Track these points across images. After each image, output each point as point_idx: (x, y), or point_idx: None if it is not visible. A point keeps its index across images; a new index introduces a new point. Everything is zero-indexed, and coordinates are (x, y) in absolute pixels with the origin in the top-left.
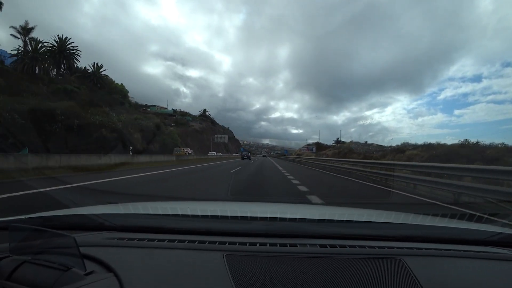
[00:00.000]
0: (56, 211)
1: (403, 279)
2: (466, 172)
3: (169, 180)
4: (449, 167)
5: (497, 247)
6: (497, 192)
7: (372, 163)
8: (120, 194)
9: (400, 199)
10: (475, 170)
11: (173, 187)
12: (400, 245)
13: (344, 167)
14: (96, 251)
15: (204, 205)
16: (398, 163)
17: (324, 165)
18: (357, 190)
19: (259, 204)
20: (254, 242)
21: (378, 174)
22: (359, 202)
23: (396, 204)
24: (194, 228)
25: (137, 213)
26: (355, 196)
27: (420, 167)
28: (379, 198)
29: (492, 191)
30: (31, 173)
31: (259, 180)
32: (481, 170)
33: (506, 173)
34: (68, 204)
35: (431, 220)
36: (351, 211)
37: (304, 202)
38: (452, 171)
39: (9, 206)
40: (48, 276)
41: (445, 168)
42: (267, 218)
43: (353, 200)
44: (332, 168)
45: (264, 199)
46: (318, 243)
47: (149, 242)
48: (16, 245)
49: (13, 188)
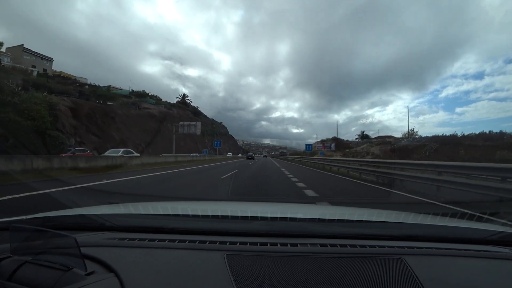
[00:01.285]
0: (57, 212)
1: (404, 278)
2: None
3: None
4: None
5: (497, 246)
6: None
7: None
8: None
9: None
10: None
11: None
12: (401, 245)
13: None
14: (97, 252)
15: (204, 205)
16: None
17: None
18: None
19: (260, 204)
20: (254, 242)
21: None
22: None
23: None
24: (194, 228)
25: (138, 213)
26: None
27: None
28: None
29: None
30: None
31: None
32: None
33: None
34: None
35: (431, 219)
36: (351, 211)
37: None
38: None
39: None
40: (49, 277)
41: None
42: (267, 218)
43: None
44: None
45: (265, 199)
46: (319, 242)
47: (150, 242)
48: (17, 246)
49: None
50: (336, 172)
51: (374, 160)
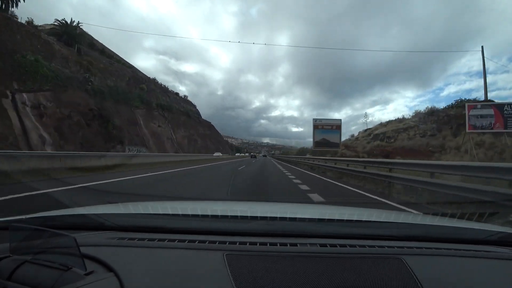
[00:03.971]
0: (56, 211)
1: (403, 278)
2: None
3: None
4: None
5: (497, 246)
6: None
7: None
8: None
9: None
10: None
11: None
12: (400, 244)
13: None
14: (96, 251)
15: (204, 204)
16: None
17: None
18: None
19: (259, 203)
20: (254, 241)
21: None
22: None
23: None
24: (194, 228)
25: (138, 212)
26: None
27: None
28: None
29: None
30: None
31: None
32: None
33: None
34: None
35: (431, 219)
36: (351, 211)
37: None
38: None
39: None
40: (49, 276)
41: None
42: (267, 217)
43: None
44: None
45: (264, 198)
46: (318, 242)
47: (150, 242)
48: (16, 245)
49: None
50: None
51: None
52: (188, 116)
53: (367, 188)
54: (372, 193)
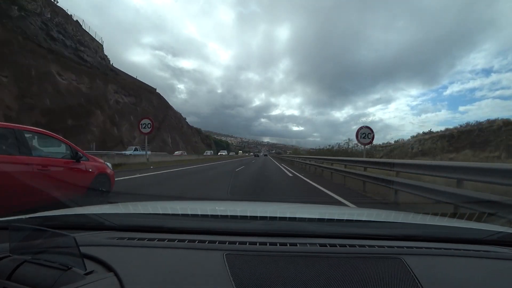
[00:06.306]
0: (56, 211)
1: (403, 278)
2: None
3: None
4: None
5: (496, 246)
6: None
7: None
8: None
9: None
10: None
11: None
12: (400, 244)
13: None
14: (96, 251)
15: (204, 204)
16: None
17: None
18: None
19: (259, 203)
20: (254, 241)
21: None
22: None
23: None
24: (194, 228)
25: (137, 212)
26: None
27: None
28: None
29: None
30: None
31: None
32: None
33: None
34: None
35: (431, 219)
36: (351, 211)
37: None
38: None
39: None
40: (48, 276)
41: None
42: (267, 217)
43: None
44: None
45: (264, 198)
46: (318, 242)
47: (149, 242)
48: (16, 245)
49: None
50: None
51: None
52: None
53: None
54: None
